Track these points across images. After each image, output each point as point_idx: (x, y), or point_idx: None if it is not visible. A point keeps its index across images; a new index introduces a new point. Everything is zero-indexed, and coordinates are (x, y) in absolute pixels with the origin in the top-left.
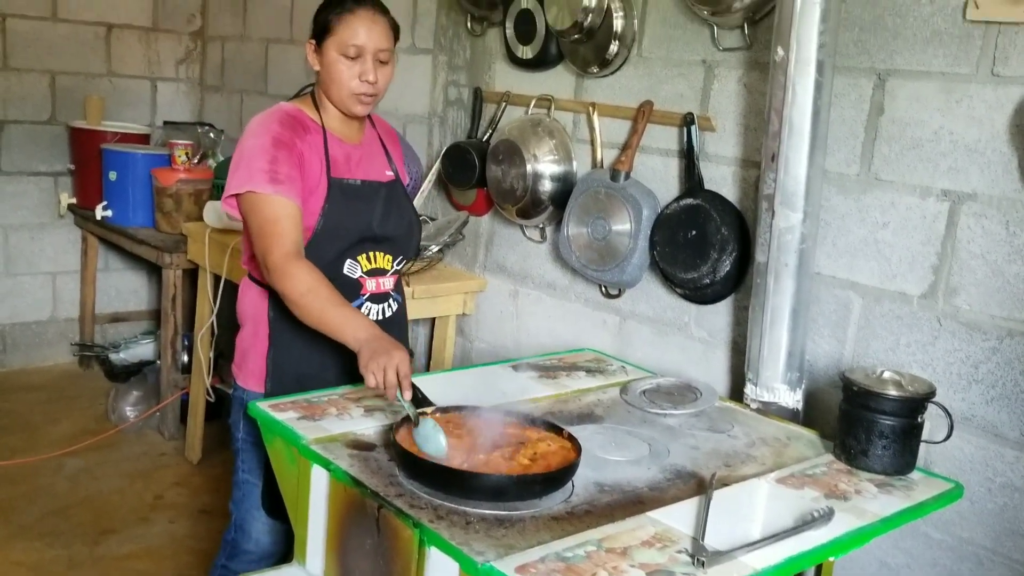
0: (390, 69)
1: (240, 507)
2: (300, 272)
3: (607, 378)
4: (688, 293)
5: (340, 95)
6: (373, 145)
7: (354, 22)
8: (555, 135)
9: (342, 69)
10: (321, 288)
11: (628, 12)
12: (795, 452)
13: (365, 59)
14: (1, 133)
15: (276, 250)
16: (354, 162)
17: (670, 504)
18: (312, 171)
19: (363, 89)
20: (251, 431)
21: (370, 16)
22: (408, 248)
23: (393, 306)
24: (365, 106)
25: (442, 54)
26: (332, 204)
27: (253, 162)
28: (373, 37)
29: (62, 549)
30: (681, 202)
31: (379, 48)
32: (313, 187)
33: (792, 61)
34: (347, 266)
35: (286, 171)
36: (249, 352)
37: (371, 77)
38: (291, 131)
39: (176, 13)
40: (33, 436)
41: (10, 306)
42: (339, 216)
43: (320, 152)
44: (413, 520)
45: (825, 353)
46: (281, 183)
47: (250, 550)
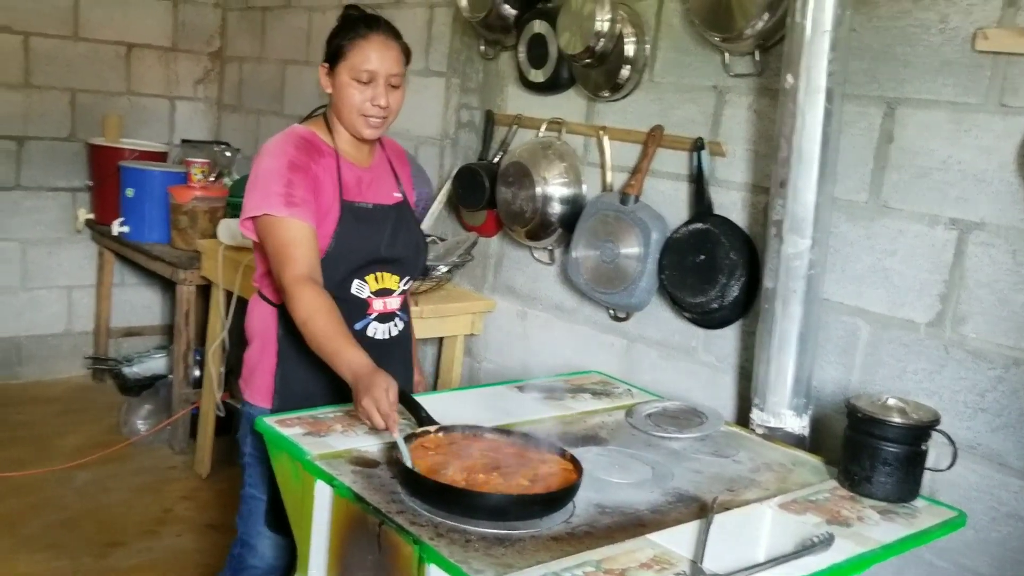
0: (401, 93)
1: (246, 522)
2: (305, 297)
3: (612, 401)
4: (696, 317)
5: (351, 118)
6: (382, 167)
7: (367, 48)
8: (565, 158)
9: (353, 93)
10: (321, 315)
11: (640, 37)
12: (799, 478)
13: (377, 84)
14: (22, 149)
15: (287, 273)
16: (365, 185)
17: (671, 527)
18: (326, 194)
19: (374, 113)
20: (258, 447)
21: (382, 41)
22: (414, 268)
23: (399, 325)
24: (375, 129)
25: (455, 77)
26: (344, 227)
27: (269, 185)
28: (385, 63)
29: (68, 561)
30: (690, 226)
31: (391, 73)
32: (326, 210)
33: (802, 88)
34: (355, 286)
35: (301, 194)
36: (257, 368)
37: (382, 102)
38: (306, 154)
39: (195, 34)
40: (44, 448)
41: (26, 319)
42: (350, 239)
43: (333, 175)
44: (413, 537)
45: (832, 379)
46: (296, 206)
47: (255, 565)
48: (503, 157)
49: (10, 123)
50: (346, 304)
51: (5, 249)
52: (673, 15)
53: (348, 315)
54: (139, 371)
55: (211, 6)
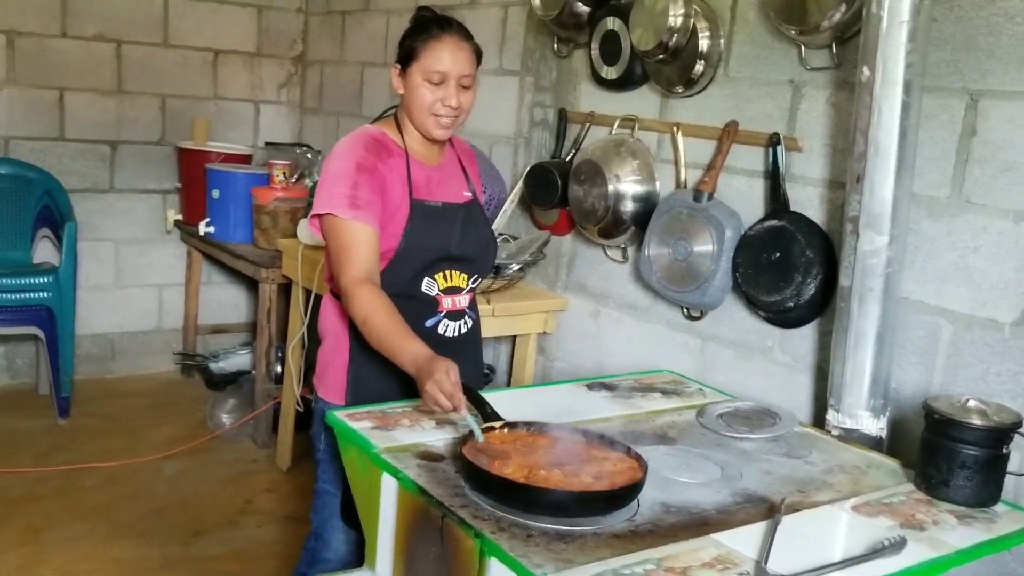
0: (472, 94)
1: (319, 516)
2: (364, 297)
3: (683, 400)
4: (771, 316)
5: (422, 119)
6: (452, 167)
7: (439, 48)
8: (638, 155)
9: (425, 94)
10: (381, 314)
11: (714, 32)
12: (874, 480)
13: (448, 84)
14: (115, 153)
15: (347, 274)
16: (434, 184)
17: (737, 527)
18: (394, 194)
19: (444, 113)
20: (331, 442)
21: (455, 42)
22: (483, 267)
23: (468, 323)
24: (445, 130)
25: (529, 75)
26: (413, 225)
27: (336, 186)
28: (457, 63)
29: (157, 548)
30: (765, 223)
31: (462, 74)
32: (395, 209)
33: (878, 81)
34: (425, 284)
35: (366, 196)
36: (329, 366)
37: (453, 102)
38: (375, 155)
39: (279, 39)
40: (136, 440)
41: (119, 316)
42: (419, 237)
43: (403, 175)
44: (475, 530)
45: (912, 381)
46: (360, 208)
47: (328, 559)
48: (576, 155)
49: (104, 128)
50: (416, 302)
51: (100, 249)
52: (748, 8)
53: (419, 312)
54: (225, 367)
55: (294, 12)
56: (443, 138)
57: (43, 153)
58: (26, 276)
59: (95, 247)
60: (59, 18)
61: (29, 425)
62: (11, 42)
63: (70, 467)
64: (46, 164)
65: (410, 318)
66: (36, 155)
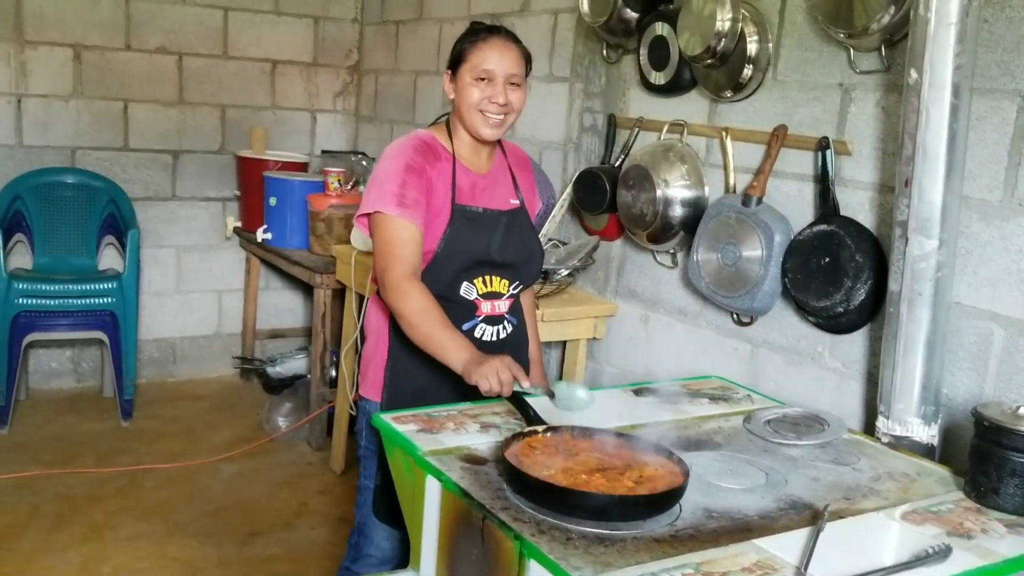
0: (522, 94)
1: (361, 511)
2: (413, 292)
3: (731, 406)
4: (821, 322)
5: (471, 118)
6: (501, 174)
7: (486, 48)
8: (687, 160)
9: (474, 92)
10: (431, 310)
11: (763, 36)
12: (923, 488)
13: (496, 83)
14: (177, 162)
15: (394, 270)
16: (479, 190)
17: (779, 533)
18: (438, 196)
19: (493, 110)
20: (372, 440)
21: (502, 43)
22: (526, 274)
23: (508, 328)
24: (494, 129)
25: (578, 82)
26: (454, 229)
27: (385, 184)
28: (504, 62)
29: (213, 548)
30: (814, 228)
31: (510, 73)
32: (437, 212)
33: (926, 84)
34: (464, 288)
35: (413, 196)
36: (371, 364)
37: (501, 99)
38: (423, 157)
39: (335, 49)
40: (195, 442)
41: (181, 321)
42: (459, 241)
43: (448, 179)
44: (515, 532)
45: (964, 387)
46: (407, 207)
47: (371, 554)
48: (624, 160)
49: (167, 138)
50: (454, 305)
51: (162, 255)
52: (797, 12)
53: (456, 316)
54: (282, 371)
55: (349, 22)
56: (492, 137)
57: (108, 163)
58: (91, 282)
59: (157, 254)
60: (123, 32)
61: (93, 427)
62: (78, 55)
63: (131, 468)
64: (111, 173)
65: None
66: (101, 164)
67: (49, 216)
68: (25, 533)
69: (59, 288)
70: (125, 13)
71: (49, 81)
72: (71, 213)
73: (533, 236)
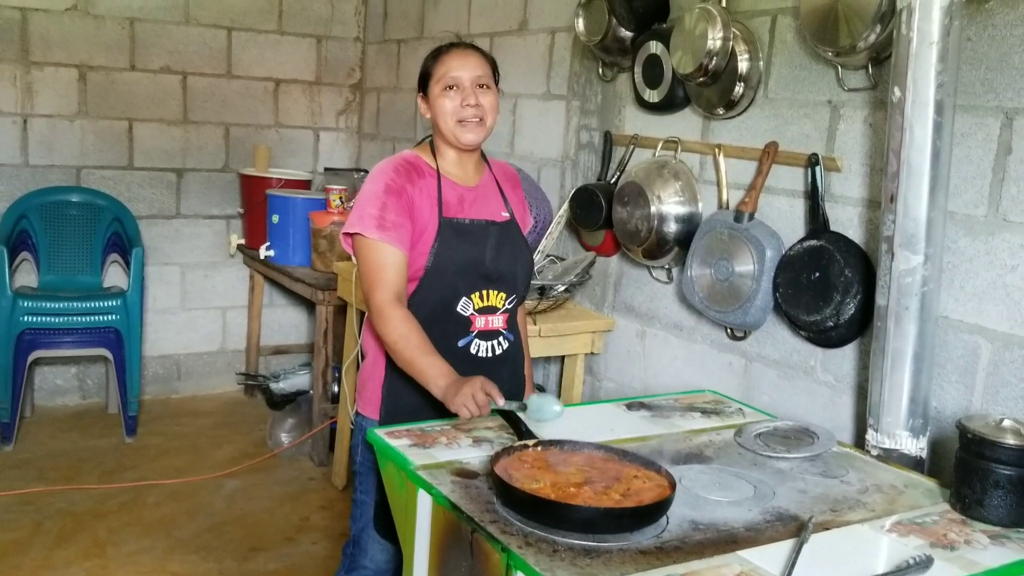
0: (492, 97)
1: (357, 524)
2: (394, 319)
3: (723, 420)
4: (813, 336)
5: (449, 126)
6: (489, 188)
7: (448, 60)
8: (681, 176)
9: (445, 102)
10: (412, 336)
11: (754, 54)
12: (909, 500)
13: (464, 87)
14: (181, 180)
15: (377, 295)
16: (467, 203)
17: (764, 545)
18: (422, 213)
19: (467, 114)
20: (367, 455)
21: (462, 51)
22: (520, 287)
23: (504, 344)
24: (474, 133)
25: (575, 99)
26: (442, 242)
27: (366, 207)
28: (468, 66)
29: (214, 563)
30: (805, 243)
31: (476, 75)
32: (422, 228)
33: (909, 102)
34: (461, 303)
35: (393, 218)
36: (368, 382)
37: (472, 100)
38: (405, 177)
39: (338, 68)
40: (199, 458)
41: (185, 338)
42: (450, 253)
43: (433, 194)
44: (502, 545)
45: (953, 400)
46: (387, 230)
47: (366, 565)
48: (620, 177)
49: (171, 157)
50: (449, 321)
51: (167, 273)
52: (787, 31)
53: (451, 332)
54: (285, 387)
55: (351, 41)
56: (474, 142)
57: (113, 181)
58: (96, 299)
59: (162, 271)
60: (128, 52)
61: (97, 443)
62: (83, 76)
63: (135, 484)
64: (116, 192)
65: (442, 337)
66: (106, 183)
67: (54, 234)
68: (29, 549)
69: (64, 306)
70: (130, 34)
71: (54, 101)
72: (76, 231)
73: (525, 249)
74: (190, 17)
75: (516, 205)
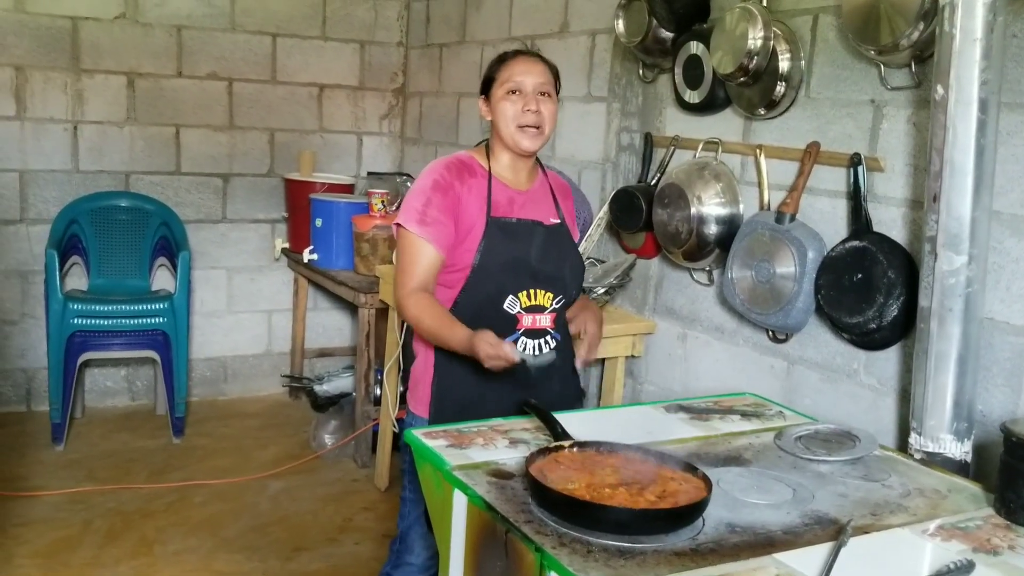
0: (553, 105)
1: (404, 521)
2: (412, 301)
3: (763, 423)
4: (855, 338)
5: (508, 131)
6: (542, 193)
7: (514, 65)
8: (721, 178)
9: (507, 107)
10: (426, 314)
11: (795, 54)
12: (952, 504)
13: (526, 94)
14: (227, 185)
15: (402, 287)
16: (517, 205)
17: (801, 548)
18: (469, 212)
19: (528, 120)
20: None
21: (527, 59)
22: (568, 288)
23: (551, 343)
24: (532, 140)
25: (616, 101)
26: (489, 241)
27: (412, 201)
28: (531, 75)
29: (258, 563)
30: (847, 244)
31: (539, 83)
32: (470, 226)
33: (952, 99)
34: (508, 302)
35: (435, 214)
36: (420, 381)
37: (533, 106)
38: (455, 175)
39: (381, 73)
40: (245, 458)
41: (232, 340)
42: (496, 251)
43: (483, 194)
44: (536, 545)
45: (1000, 403)
46: (427, 225)
47: (411, 562)
48: (661, 179)
49: (218, 162)
50: (496, 319)
51: (214, 277)
52: (828, 30)
53: (498, 329)
54: (328, 389)
55: (394, 45)
56: (531, 148)
57: (160, 186)
58: (144, 302)
59: (209, 275)
60: (175, 59)
61: (146, 444)
62: (131, 83)
63: (181, 484)
64: (163, 197)
65: None
66: (154, 188)
67: (104, 239)
68: (79, 547)
69: (113, 308)
70: (177, 41)
71: (104, 108)
72: (125, 236)
73: (575, 251)
74: (236, 24)
75: (566, 215)
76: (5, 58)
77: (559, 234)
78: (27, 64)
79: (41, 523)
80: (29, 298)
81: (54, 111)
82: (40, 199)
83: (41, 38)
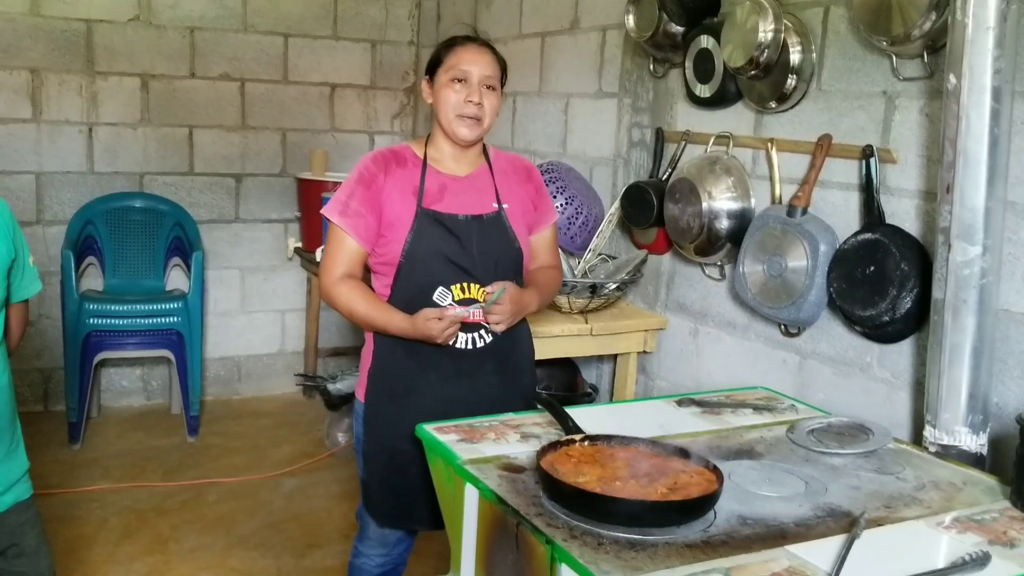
0: (497, 99)
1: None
2: (340, 289)
3: (775, 416)
4: (868, 331)
5: (447, 119)
6: (480, 180)
7: (462, 52)
8: (733, 172)
9: (450, 94)
10: (358, 302)
11: (806, 46)
12: (967, 497)
13: (471, 84)
14: (240, 185)
15: (329, 273)
16: (450, 193)
17: (813, 540)
18: (392, 204)
19: (468, 111)
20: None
21: (477, 48)
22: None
23: (487, 337)
24: (470, 129)
25: (626, 97)
26: (417, 233)
27: (338, 192)
28: (479, 64)
29: (272, 560)
30: (859, 237)
31: (485, 74)
32: (394, 216)
33: (965, 89)
34: (438, 293)
35: (356, 206)
36: (363, 367)
37: (475, 98)
38: (380, 167)
39: (392, 72)
40: (259, 457)
41: (245, 340)
42: (424, 243)
43: (413, 183)
44: (546, 537)
45: (1016, 396)
46: (348, 216)
47: (370, 536)
48: (672, 174)
49: (230, 162)
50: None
51: (227, 277)
52: (840, 21)
53: None
54: (342, 387)
55: (405, 44)
56: (469, 138)
57: (174, 187)
58: (158, 302)
59: (222, 275)
60: (188, 60)
61: (161, 442)
62: (145, 84)
63: (196, 482)
64: (177, 197)
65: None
66: (168, 189)
67: (119, 239)
68: (94, 545)
69: (127, 308)
70: (190, 42)
71: (118, 110)
72: (139, 236)
73: (513, 241)
74: (248, 25)
75: (521, 198)
76: (21, 61)
77: (496, 225)
78: (42, 67)
79: (57, 521)
80: (45, 299)
81: (69, 113)
82: (56, 201)
83: (56, 41)
